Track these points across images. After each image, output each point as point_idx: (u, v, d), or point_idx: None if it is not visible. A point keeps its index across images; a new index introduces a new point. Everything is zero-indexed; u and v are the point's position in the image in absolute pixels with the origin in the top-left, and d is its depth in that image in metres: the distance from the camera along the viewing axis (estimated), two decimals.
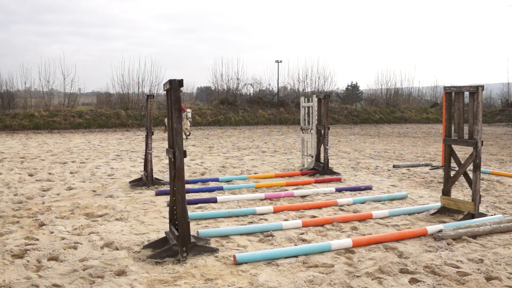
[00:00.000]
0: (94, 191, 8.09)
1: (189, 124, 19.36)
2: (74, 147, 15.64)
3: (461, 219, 6.19)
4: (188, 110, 19.52)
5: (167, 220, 5.53)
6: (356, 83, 44.88)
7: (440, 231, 5.46)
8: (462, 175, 6.46)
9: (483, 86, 6.13)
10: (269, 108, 28.41)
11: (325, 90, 31.47)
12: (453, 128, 6.58)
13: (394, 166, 11.14)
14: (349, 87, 43.63)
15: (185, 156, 4.77)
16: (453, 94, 6.56)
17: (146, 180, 8.48)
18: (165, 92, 5.24)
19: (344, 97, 37.30)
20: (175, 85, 4.75)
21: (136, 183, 8.55)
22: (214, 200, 7.08)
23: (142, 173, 9.10)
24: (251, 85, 30.92)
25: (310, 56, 73.09)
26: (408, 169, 10.82)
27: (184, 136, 18.49)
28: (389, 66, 78.65)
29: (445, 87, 6.65)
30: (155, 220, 6.19)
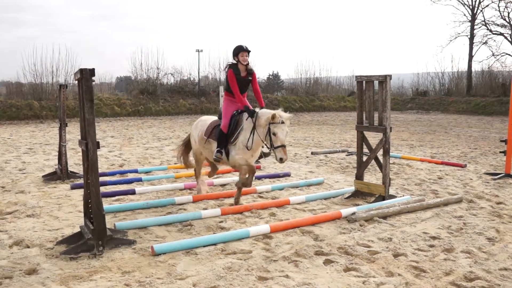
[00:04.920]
0: (3, 187, 7.59)
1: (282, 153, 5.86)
2: None
3: (373, 202, 6.54)
4: (282, 114, 5.96)
5: (83, 214, 5.33)
6: (277, 73, 45.61)
7: (354, 213, 5.75)
8: (374, 160, 6.82)
9: (391, 75, 6.48)
10: (190, 98, 28.10)
11: None
12: (364, 115, 6.91)
13: (312, 153, 11.50)
14: (270, 77, 44.23)
15: (98, 147, 4.63)
16: (364, 83, 6.88)
17: (60, 174, 8.11)
18: (76, 81, 5.03)
19: (265, 86, 37.75)
20: (86, 74, 4.59)
21: (50, 177, 8.14)
22: (133, 192, 6.93)
23: (57, 166, 8.69)
24: (171, 74, 30.39)
25: (231, 46, 72.79)
26: (326, 156, 11.23)
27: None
28: (308, 57, 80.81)
29: (356, 76, 6.94)
30: (70, 214, 5.95)
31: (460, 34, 35.79)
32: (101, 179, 7.59)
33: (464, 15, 35.51)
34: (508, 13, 34.35)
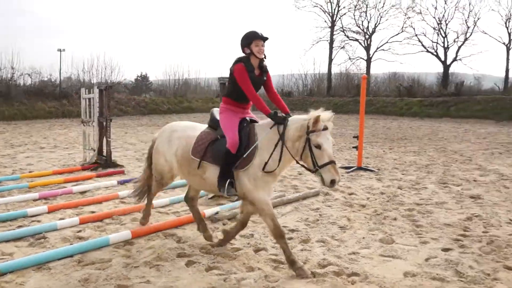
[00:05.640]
0: None
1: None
2: None
3: (236, 200, 6.66)
4: (323, 115, 4.48)
5: None
6: (146, 74, 44.55)
7: (217, 213, 5.82)
8: None
9: None
10: (50, 101, 26.13)
11: (113, 81, 30.51)
12: None
13: None
14: (139, 78, 43.11)
15: None
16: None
17: None
18: None
19: (133, 88, 36.79)
20: None
21: None
22: None
23: None
24: (29, 75, 28.09)
25: (97, 46, 69.76)
26: None
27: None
28: (178, 58, 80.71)
29: (219, 78, 7.09)
30: None
31: (322, 39, 38.65)
32: None
33: (325, 21, 38.36)
34: (362, 21, 37.81)
